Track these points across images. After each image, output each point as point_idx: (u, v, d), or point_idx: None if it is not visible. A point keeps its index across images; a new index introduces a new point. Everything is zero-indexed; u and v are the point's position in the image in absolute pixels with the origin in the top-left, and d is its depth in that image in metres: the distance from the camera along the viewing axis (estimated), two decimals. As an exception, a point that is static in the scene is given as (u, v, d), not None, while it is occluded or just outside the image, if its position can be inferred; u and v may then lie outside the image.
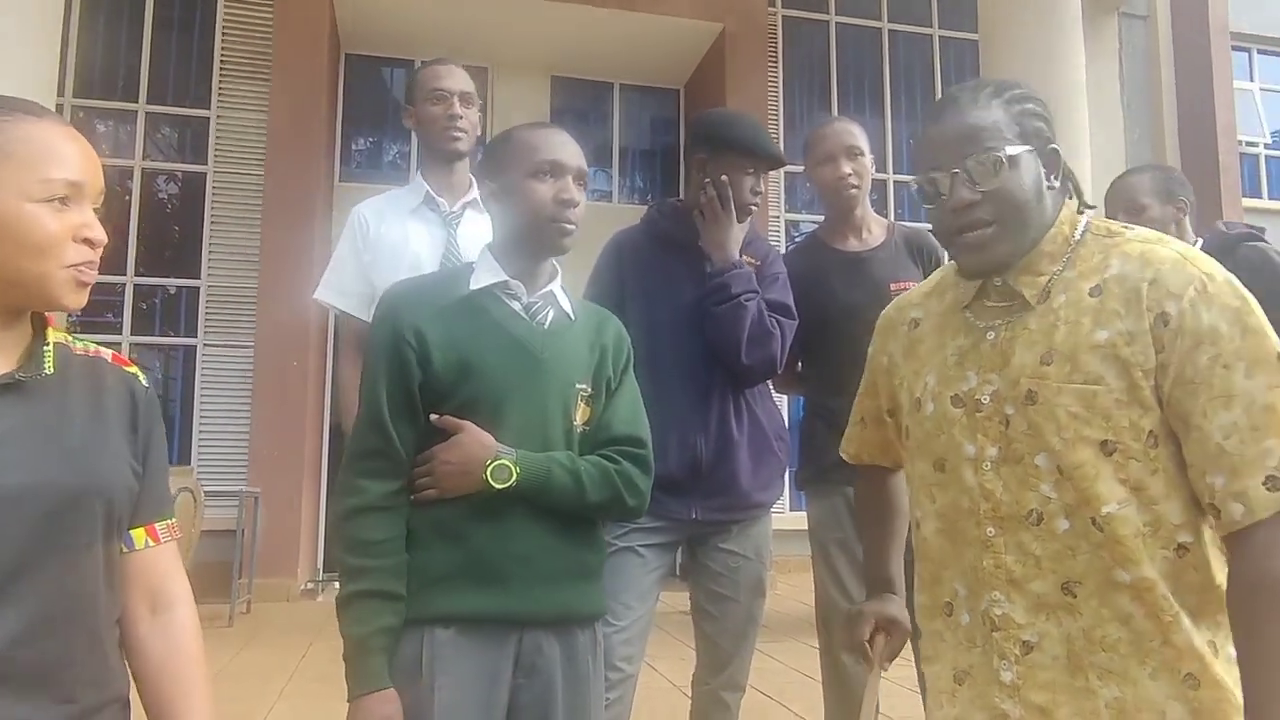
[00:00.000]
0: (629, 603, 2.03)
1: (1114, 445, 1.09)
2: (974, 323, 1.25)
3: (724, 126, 2.22)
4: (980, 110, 1.18)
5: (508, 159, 1.54)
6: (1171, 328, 1.08)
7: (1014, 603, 1.15)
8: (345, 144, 9.01)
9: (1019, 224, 1.18)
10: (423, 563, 1.42)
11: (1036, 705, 1.13)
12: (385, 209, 2.38)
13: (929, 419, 1.26)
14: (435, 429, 1.44)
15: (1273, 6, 11.63)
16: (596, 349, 1.58)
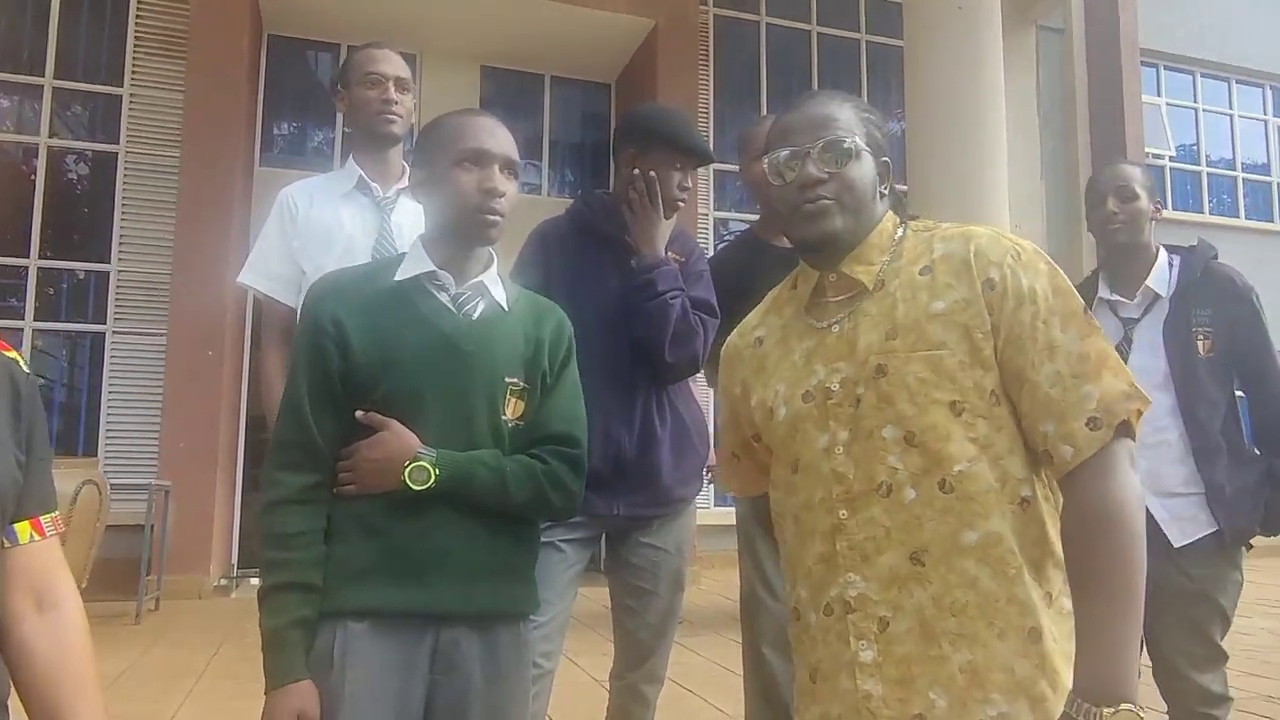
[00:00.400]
0: (548, 598, 2.01)
1: (962, 405, 1.17)
2: (816, 324, 1.32)
3: (654, 121, 2.22)
4: (835, 106, 1.31)
5: (435, 147, 1.51)
6: (998, 291, 1.19)
7: (868, 581, 1.19)
8: (266, 127, 8.76)
9: (855, 209, 1.28)
10: (341, 555, 1.40)
11: (896, 679, 1.16)
12: (316, 192, 2.31)
13: (782, 424, 1.31)
14: (355, 419, 1.42)
15: (1181, 26, 12.18)
16: (532, 341, 1.55)
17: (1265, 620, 6.47)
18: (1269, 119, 13.00)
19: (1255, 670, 4.73)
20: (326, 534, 1.41)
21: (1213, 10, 12.40)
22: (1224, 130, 12.78)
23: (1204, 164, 12.52)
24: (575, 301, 2.13)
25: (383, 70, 2.30)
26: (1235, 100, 12.85)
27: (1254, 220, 12.52)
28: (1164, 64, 12.28)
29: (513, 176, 1.53)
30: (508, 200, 1.50)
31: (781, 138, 1.31)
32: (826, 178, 1.26)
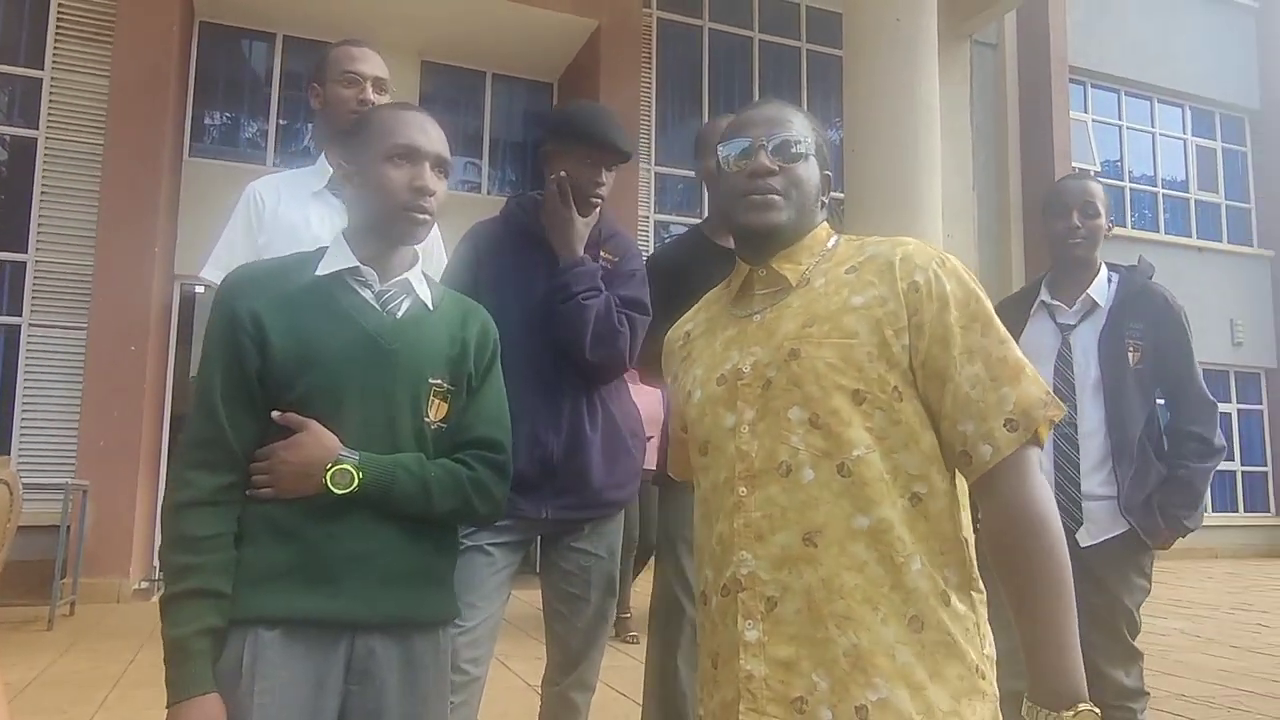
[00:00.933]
0: (474, 603, 1.98)
1: (864, 395, 1.20)
2: (738, 314, 1.37)
3: (566, 117, 2.19)
4: (790, 111, 1.37)
5: (365, 140, 1.47)
6: (922, 293, 1.23)
7: (759, 559, 1.19)
8: (197, 117, 8.51)
9: (799, 207, 1.33)
10: (252, 560, 1.34)
11: (780, 660, 1.16)
12: (284, 189, 2.24)
13: (695, 406, 1.34)
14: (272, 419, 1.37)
15: (1108, 46, 12.60)
16: (457, 342, 1.51)
17: (1179, 621, 6.71)
18: (1188, 138, 13.52)
19: (1169, 670, 4.90)
20: (235, 537, 1.35)
21: (1138, 32, 12.87)
22: (1146, 147, 13.26)
23: (1127, 179, 12.97)
24: (502, 303, 2.10)
25: (360, 70, 2.24)
26: (1157, 119, 13.34)
27: (1173, 235, 13.02)
28: (1091, 82, 12.69)
29: (443, 175, 1.49)
30: (437, 199, 1.47)
31: (736, 130, 1.35)
32: (777, 170, 1.31)
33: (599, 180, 2.11)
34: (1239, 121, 13.84)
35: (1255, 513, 13.12)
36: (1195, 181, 13.46)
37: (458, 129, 9.75)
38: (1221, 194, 13.60)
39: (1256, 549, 12.73)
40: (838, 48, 7.70)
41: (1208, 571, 10.53)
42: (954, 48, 10.17)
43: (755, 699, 1.17)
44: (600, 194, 2.12)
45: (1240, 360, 13.09)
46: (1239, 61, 13.63)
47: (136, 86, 7.16)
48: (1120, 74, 12.78)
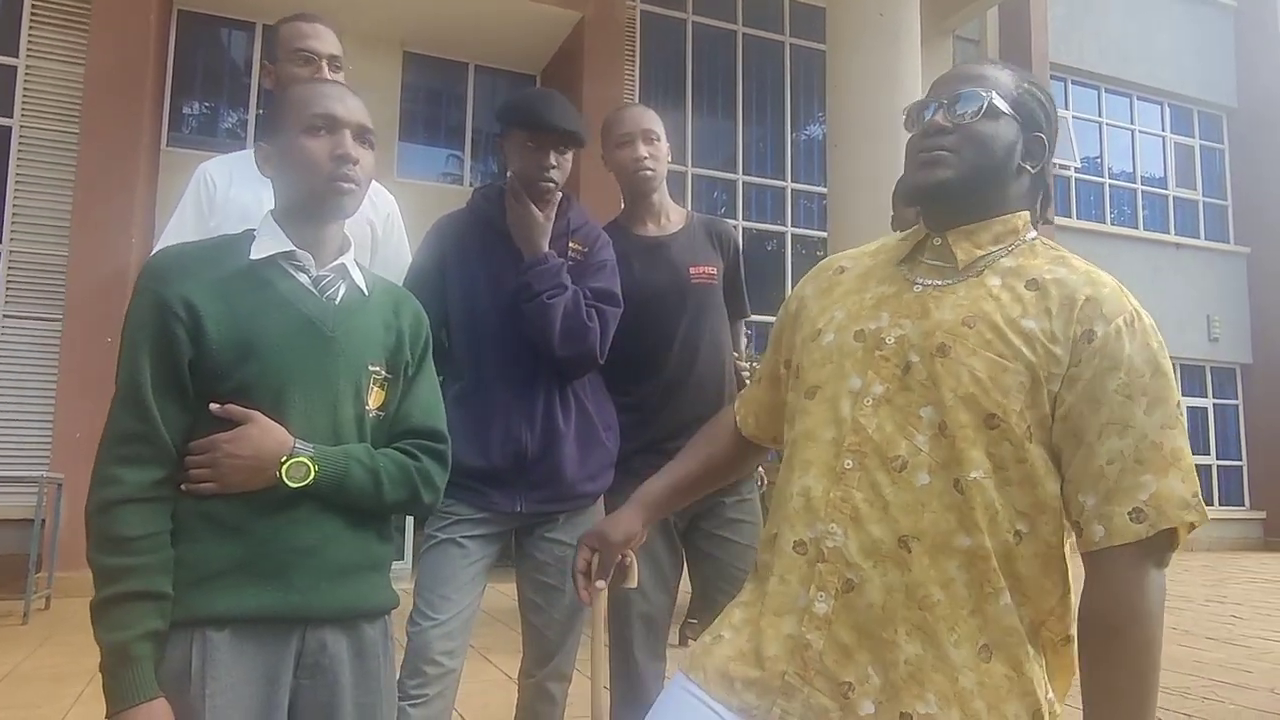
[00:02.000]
0: (449, 595, 1.96)
1: (998, 421, 1.12)
2: (905, 275, 1.27)
3: (510, 102, 2.15)
4: (991, 68, 1.26)
5: (281, 118, 1.41)
6: (1094, 346, 1.12)
7: (850, 539, 1.15)
8: (175, 106, 8.41)
9: (975, 167, 1.21)
10: (192, 558, 1.28)
11: (841, 643, 1.13)
12: (236, 170, 2.16)
13: (821, 348, 1.27)
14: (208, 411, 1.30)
15: (1088, 43, 12.68)
16: (393, 330, 1.48)
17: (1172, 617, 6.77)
18: (1166, 135, 13.64)
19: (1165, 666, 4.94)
20: (171, 535, 1.28)
21: (1117, 30, 12.96)
22: (1125, 144, 13.37)
23: (1106, 176, 13.07)
24: (471, 296, 2.08)
25: (314, 47, 2.15)
26: (1136, 116, 13.45)
27: (1151, 231, 13.14)
28: (1071, 79, 12.77)
29: (367, 145, 1.43)
30: (364, 169, 1.41)
31: (929, 93, 1.28)
32: (950, 128, 1.22)
33: (546, 165, 2.05)
34: (1217, 119, 13.97)
35: (1231, 506, 13.29)
36: (1173, 178, 13.58)
37: (440, 120, 9.69)
38: (1199, 191, 13.73)
39: (1232, 542, 12.88)
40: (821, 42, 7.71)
41: (1184, 565, 10.64)
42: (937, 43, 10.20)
43: (805, 667, 1.14)
44: (550, 179, 2.06)
45: (1216, 356, 13.24)
46: (1217, 60, 13.75)
47: (113, 75, 7.07)
48: (1100, 71, 12.88)
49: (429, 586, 1.98)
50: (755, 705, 1.18)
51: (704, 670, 1.25)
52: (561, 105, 2.10)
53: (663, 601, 2.27)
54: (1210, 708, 4.03)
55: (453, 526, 2.00)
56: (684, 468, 1.54)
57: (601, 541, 1.49)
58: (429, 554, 2.02)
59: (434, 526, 2.03)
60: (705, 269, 2.36)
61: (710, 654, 1.26)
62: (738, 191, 9.90)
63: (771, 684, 1.17)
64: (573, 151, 2.12)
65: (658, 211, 2.40)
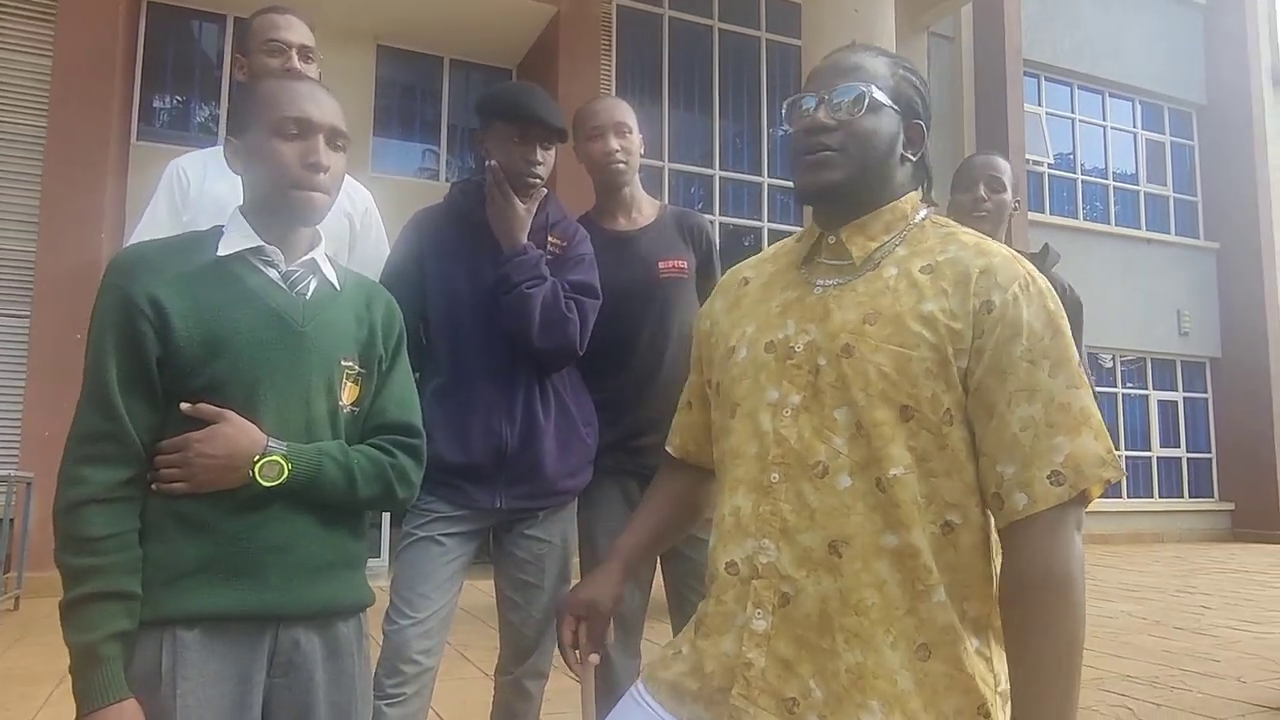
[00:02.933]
0: (427, 593, 1.95)
1: (913, 412, 1.12)
2: (805, 278, 1.27)
3: (492, 96, 2.13)
4: (867, 57, 1.25)
5: (252, 113, 1.38)
6: (994, 315, 1.12)
7: (781, 553, 1.14)
8: (145, 101, 8.30)
9: (860, 164, 1.21)
10: (161, 557, 1.26)
11: (782, 658, 1.13)
12: (210, 164, 2.13)
13: (737, 365, 1.26)
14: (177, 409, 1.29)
15: (1061, 40, 12.80)
16: (365, 324, 1.46)
17: (1126, 604, 6.88)
18: (1138, 131, 13.80)
19: (1117, 651, 5.02)
20: (140, 534, 1.27)
21: (1090, 27, 13.09)
22: (1097, 140, 13.51)
23: (1079, 172, 13.21)
24: (451, 291, 2.07)
25: (285, 38, 2.14)
26: (1108, 112, 13.59)
27: (1123, 226, 13.29)
28: (1045, 75, 12.89)
29: (339, 149, 1.41)
30: (333, 175, 1.39)
31: (806, 85, 1.26)
32: (834, 125, 1.20)
33: (532, 159, 2.04)
34: (1187, 116, 14.15)
35: (1200, 498, 13.50)
36: (1144, 174, 13.75)
37: (415, 115, 9.63)
38: (1170, 187, 13.90)
39: (1201, 534, 13.09)
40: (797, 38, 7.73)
41: (1155, 555, 10.80)
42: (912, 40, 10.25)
43: (749, 687, 1.14)
44: (536, 173, 2.05)
45: (1186, 350, 13.43)
46: (1187, 57, 13.92)
47: (81, 68, 6.97)
48: (1073, 68, 13.00)
49: (407, 584, 1.97)
50: (702, 718, 1.18)
51: (658, 682, 1.26)
52: (546, 99, 2.09)
53: (637, 599, 2.27)
54: (1179, 696, 4.09)
55: (431, 524, 1.99)
56: (653, 517, 1.50)
57: (591, 609, 1.41)
58: (407, 551, 2.01)
59: (412, 524, 2.01)
60: (675, 262, 2.35)
61: (667, 667, 1.27)
62: (714, 186, 9.91)
63: (715, 699, 1.17)
64: (555, 148, 2.11)
65: (629, 205, 2.40)
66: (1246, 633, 5.70)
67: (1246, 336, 13.26)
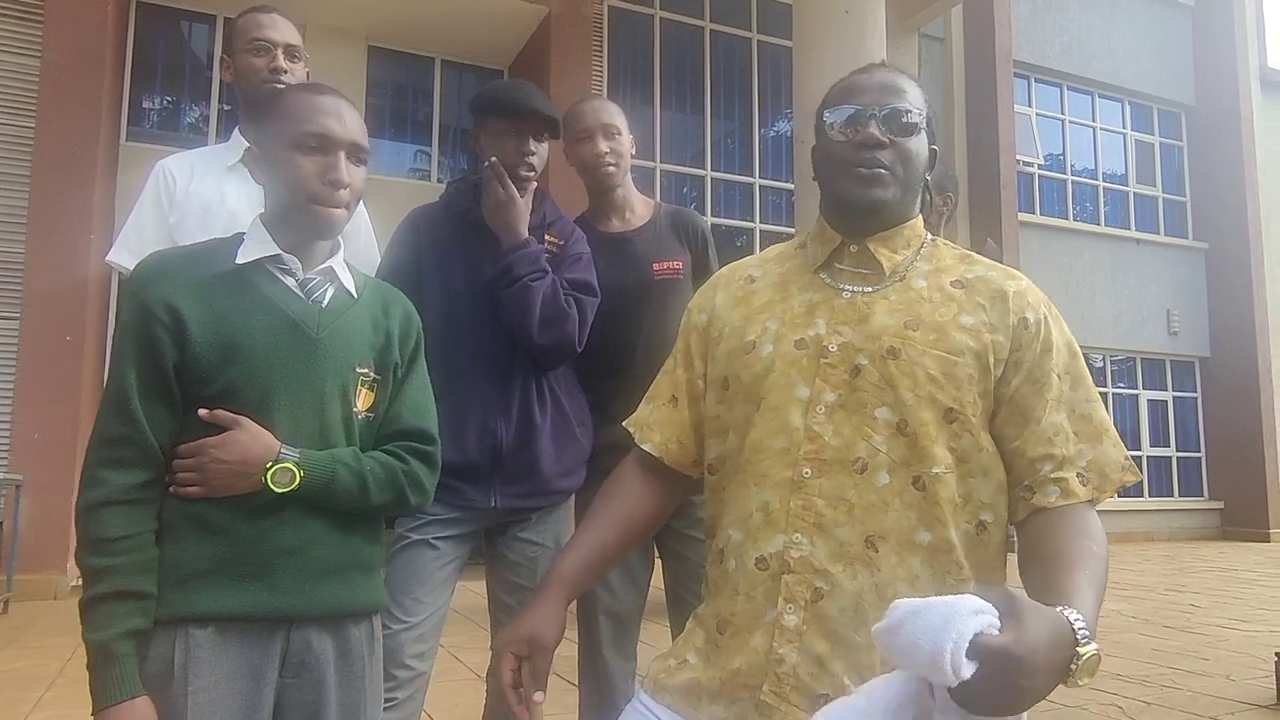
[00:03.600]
0: (421, 598, 1.95)
1: (957, 414, 1.17)
2: (828, 282, 1.29)
3: (485, 91, 2.14)
4: (905, 79, 1.30)
5: (274, 124, 1.40)
6: (1030, 331, 1.21)
7: (816, 547, 1.15)
8: (134, 101, 8.27)
9: (906, 184, 1.27)
10: (176, 557, 1.29)
11: (815, 654, 1.13)
12: (197, 164, 2.14)
13: (762, 360, 1.26)
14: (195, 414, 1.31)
15: (1051, 41, 12.85)
16: (382, 330, 1.48)
17: (1116, 603, 6.91)
18: (1127, 132, 13.86)
19: (1107, 650, 5.01)
20: (156, 535, 1.30)
21: (1079, 28, 13.14)
22: (1087, 141, 13.57)
23: (1069, 173, 13.26)
24: (448, 289, 2.07)
25: (270, 37, 2.13)
26: (1098, 113, 13.65)
27: (1112, 226, 13.35)
28: (1034, 76, 12.93)
29: (360, 163, 1.43)
30: (354, 191, 1.41)
31: (845, 96, 1.28)
32: (888, 143, 1.24)
33: (526, 151, 2.05)
34: (1176, 117, 14.21)
35: (1190, 497, 13.56)
36: (1134, 175, 13.81)
37: (406, 116, 9.61)
38: (1159, 187, 13.97)
39: (1191, 532, 13.15)
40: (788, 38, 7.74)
41: (1145, 554, 10.85)
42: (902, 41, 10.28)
43: (781, 684, 1.14)
44: (531, 164, 2.06)
45: (1176, 349, 13.49)
46: (1175, 59, 13.99)
47: (70, 68, 6.93)
48: (1062, 69, 13.05)
49: (401, 589, 1.96)
50: (723, 718, 1.18)
51: (666, 689, 1.24)
52: (537, 92, 2.10)
53: (632, 599, 2.27)
54: (1169, 695, 4.12)
55: (425, 527, 1.99)
56: (598, 537, 1.37)
57: (534, 647, 1.27)
58: (401, 555, 2.00)
59: (406, 526, 2.01)
60: (670, 264, 2.35)
61: (674, 676, 1.25)
62: (706, 187, 9.92)
63: (740, 696, 1.16)
64: (549, 141, 2.11)
65: (621, 206, 2.40)
66: (1235, 631, 5.74)
67: (1235, 336, 13.34)
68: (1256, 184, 13.63)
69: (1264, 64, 14.97)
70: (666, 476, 1.42)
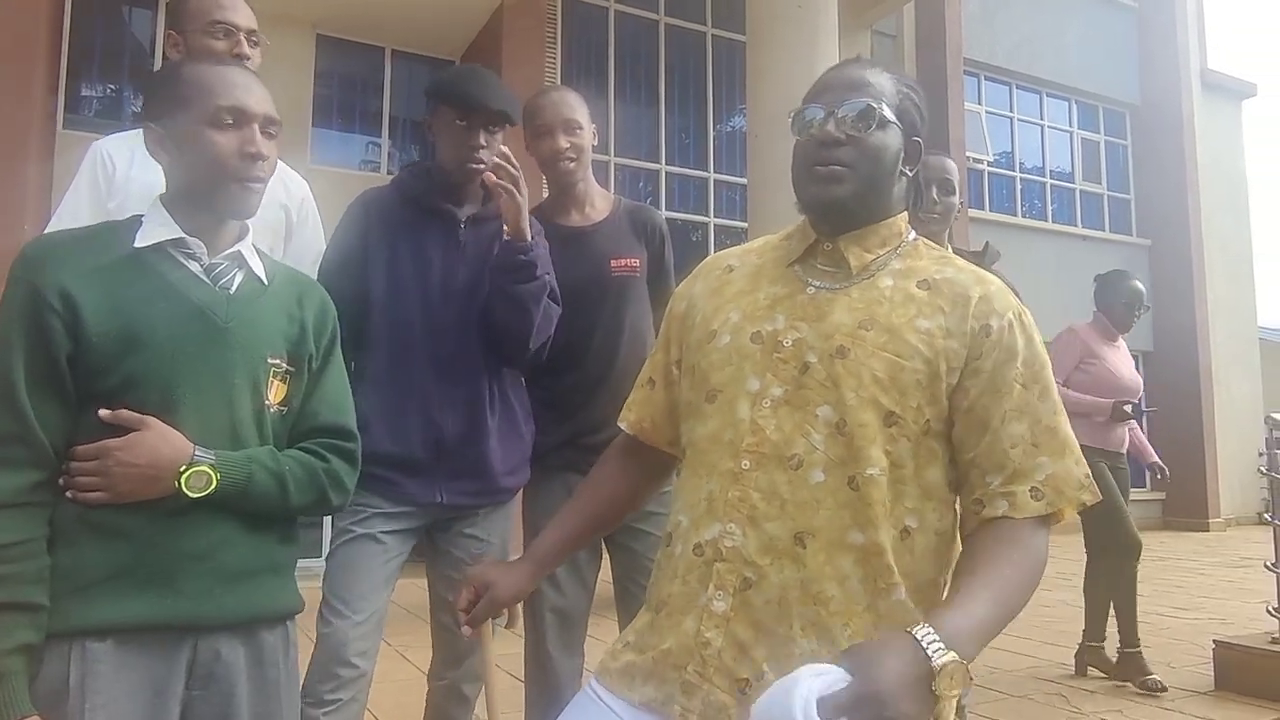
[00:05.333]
0: (365, 593, 1.90)
1: (897, 419, 1.16)
2: (798, 276, 1.29)
3: (441, 79, 2.10)
4: (874, 72, 1.27)
5: (179, 100, 1.31)
6: (992, 339, 1.18)
7: (747, 538, 1.16)
8: (71, 88, 8.01)
9: (869, 181, 1.24)
10: (70, 564, 1.20)
11: (738, 640, 1.15)
12: (137, 148, 1.95)
13: (719, 350, 1.27)
14: (92, 410, 1.23)
15: (1000, 40, 13.03)
16: (296, 321, 1.41)
17: (1062, 593, 7.02)
18: (1074, 130, 14.12)
19: (1052, 640, 5.13)
20: (48, 541, 1.21)
21: (1027, 27, 13.35)
22: (1035, 139, 13.80)
23: (1018, 170, 13.47)
24: (397, 275, 2.02)
25: (232, 20, 2.01)
26: (1046, 111, 13.88)
27: (1059, 223, 13.61)
28: (984, 74, 13.11)
29: (272, 137, 1.37)
30: (270, 165, 1.35)
31: (812, 96, 1.27)
32: (844, 140, 1.22)
33: (476, 144, 2.00)
34: (1120, 116, 14.51)
35: (1133, 489, 13.80)
36: (1080, 173, 14.07)
37: (356, 106, 9.45)
38: (1104, 185, 14.26)
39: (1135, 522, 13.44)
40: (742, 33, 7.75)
41: (1089, 545, 11.06)
42: (855, 37, 10.36)
43: (705, 665, 1.16)
44: (480, 159, 2.01)
45: (1120, 344, 13.78)
46: (1121, 59, 14.28)
47: (2, 52, 6.69)
48: (1011, 68, 13.25)
49: (343, 583, 1.91)
50: (654, 697, 1.19)
51: (610, 673, 1.27)
52: (493, 83, 2.05)
53: (578, 595, 2.24)
54: (1112, 683, 4.19)
55: (369, 520, 1.93)
56: (582, 513, 1.48)
57: (488, 592, 1.41)
58: (343, 549, 1.94)
59: (348, 520, 1.95)
60: (628, 261, 2.32)
61: (616, 658, 1.27)
62: (661, 181, 9.90)
63: (669, 677, 1.19)
64: (503, 131, 2.06)
65: (581, 200, 2.36)
66: (1176, 619, 5.87)
67: (1177, 330, 13.67)
68: (1198, 183, 13.98)
69: (1205, 65, 15.36)
70: (645, 457, 1.47)
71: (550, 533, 1.46)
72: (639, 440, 1.46)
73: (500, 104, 2.01)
